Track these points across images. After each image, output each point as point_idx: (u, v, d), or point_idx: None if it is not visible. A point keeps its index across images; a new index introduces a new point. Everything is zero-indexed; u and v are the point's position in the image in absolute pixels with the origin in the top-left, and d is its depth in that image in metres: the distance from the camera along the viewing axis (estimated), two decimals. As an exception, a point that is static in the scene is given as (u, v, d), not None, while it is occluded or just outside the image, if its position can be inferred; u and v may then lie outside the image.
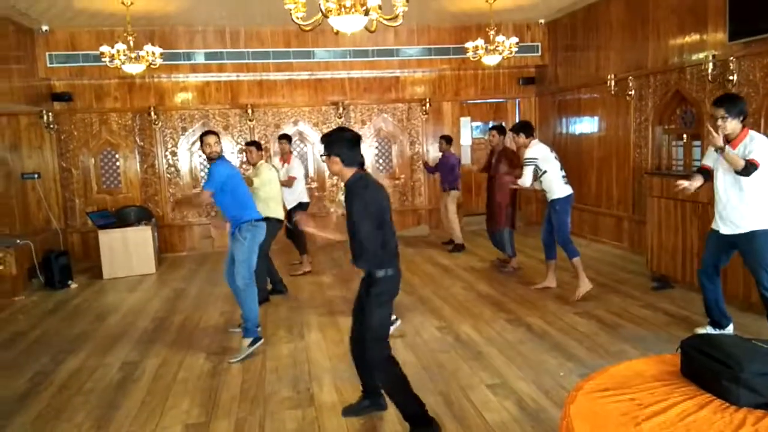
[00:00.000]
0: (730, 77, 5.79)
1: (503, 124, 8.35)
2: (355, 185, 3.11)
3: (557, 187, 5.72)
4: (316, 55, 9.01)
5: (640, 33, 7.19)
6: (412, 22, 8.95)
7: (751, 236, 4.03)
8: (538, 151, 5.73)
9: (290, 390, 3.90)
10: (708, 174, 4.24)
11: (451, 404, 3.56)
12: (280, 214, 6.19)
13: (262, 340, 4.69)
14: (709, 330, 4.40)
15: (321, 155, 3.21)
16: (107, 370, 4.42)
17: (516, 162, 6.81)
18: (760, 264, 4.04)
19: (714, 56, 6.02)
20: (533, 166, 5.70)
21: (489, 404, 3.53)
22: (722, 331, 4.37)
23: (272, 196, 6.04)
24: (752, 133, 4.01)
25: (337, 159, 3.10)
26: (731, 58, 5.76)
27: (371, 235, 3.02)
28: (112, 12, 7.32)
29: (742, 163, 3.84)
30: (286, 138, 7.25)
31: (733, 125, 3.96)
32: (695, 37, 6.32)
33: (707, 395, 2.03)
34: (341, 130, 3.21)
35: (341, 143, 3.11)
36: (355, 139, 3.16)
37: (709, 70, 6.06)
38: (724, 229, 4.17)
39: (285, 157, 7.13)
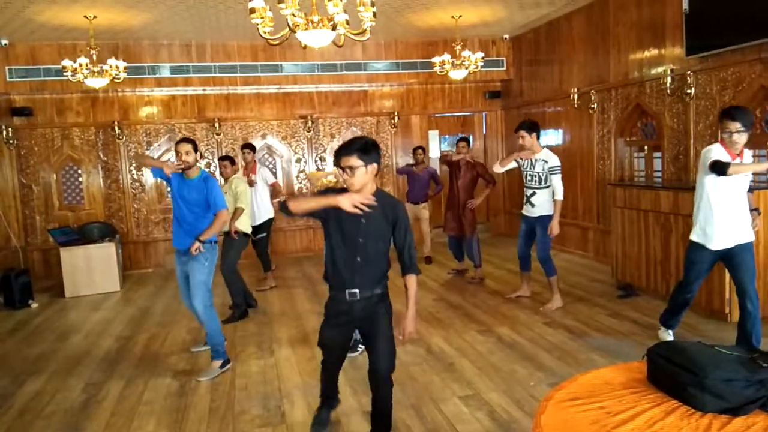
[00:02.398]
0: (688, 91, 5.98)
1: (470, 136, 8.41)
2: (390, 196, 3.08)
3: (549, 203, 5.55)
4: (284, 69, 9.00)
5: (602, 48, 7.39)
6: (380, 37, 9.02)
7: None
8: (557, 159, 5.53)
9: (260, 408, 3.83)
10: None
11: (423, 417, 3.55)
12: (248, 228, 6.14)
13: (231, 364, 4.58)
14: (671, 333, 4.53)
15: (354, 166, 2.78)
16: (70, 392, 4.27)
17: (484, 173, 6.90)
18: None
19: (672, 70, 6.22)
20: (560, 175, 5.49)
21: (461, 416, 3.53)
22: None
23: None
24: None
25: (376, 167, 2.87)
26: (689, 72, 5.96)
27: None
28: (75, 26, 7.20)
29: None
30: (249, 147, 6.98)
31: (744, 138, 3.93)
32: (654, 51, 6.52)
33: (674, 402, 2.06)
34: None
35: (379, 152, 2.88)
36: None
37: (668, 84, 6.26)
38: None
39: (249, 167, 6.90)
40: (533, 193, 5.60)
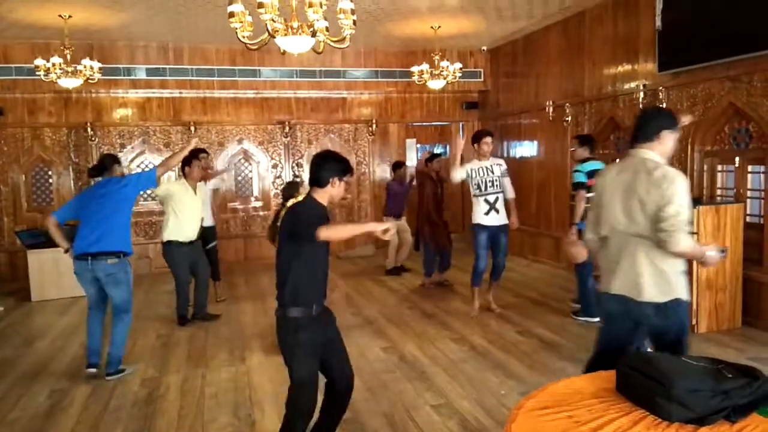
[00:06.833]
0: (660, 105, 6.11)
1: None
2: None
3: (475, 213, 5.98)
4: (262, 74, 8.96)
5: (577, 62, 7.51)
6: (360, 45, 9.04)
7: None
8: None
9: (230, 416, 3.78)
10: None
11: (395, 425, 3.54)
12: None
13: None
14: None
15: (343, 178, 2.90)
16: (34, 398, 4.17)
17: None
18: None
19: (645, 86, 6.35)
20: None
21: (433, 425, 3.53)
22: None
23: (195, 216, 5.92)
24: None
25: None
26: (660, 87, 6.09)
27: None
28: (49, 24, 7.06)
29: None
30: (204, 152, 6.42)
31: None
32: (627, 67, 6.65)
33: (641, 411, 2.09)
34: None
35: None
36: None
37: (641, 99, 6.38)
38: None
39: (207, 173, 6.58)
40: None
